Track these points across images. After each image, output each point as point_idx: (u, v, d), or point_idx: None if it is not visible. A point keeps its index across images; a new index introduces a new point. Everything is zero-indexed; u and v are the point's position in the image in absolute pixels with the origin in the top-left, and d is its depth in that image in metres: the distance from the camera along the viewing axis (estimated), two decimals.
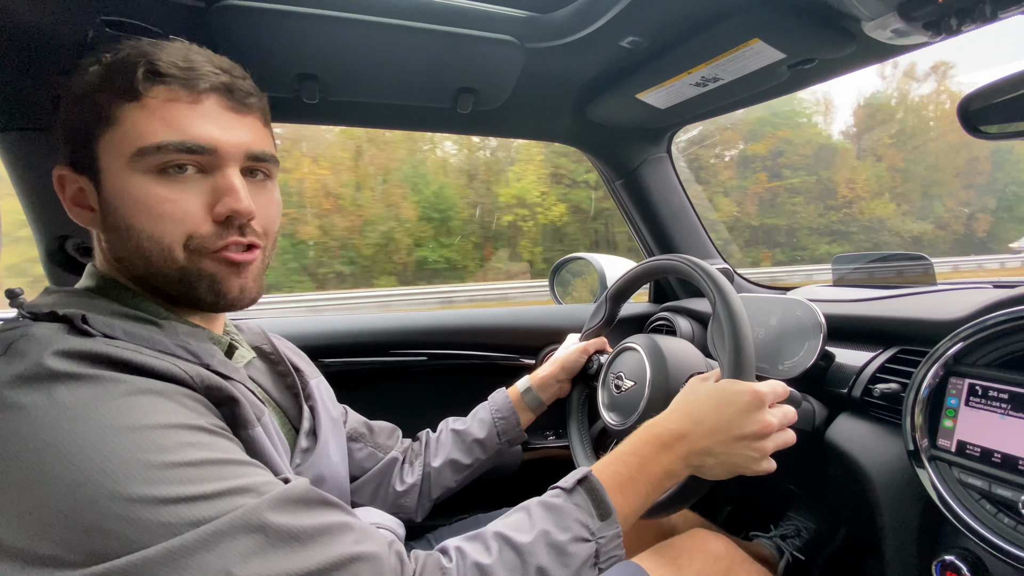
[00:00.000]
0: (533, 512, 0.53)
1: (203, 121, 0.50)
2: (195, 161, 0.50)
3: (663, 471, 0.59)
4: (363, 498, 0.83)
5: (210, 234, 0.51)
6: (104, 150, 0.49)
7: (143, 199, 0.49)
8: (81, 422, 0.37)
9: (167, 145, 0.48)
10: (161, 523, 0.36)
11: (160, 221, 0.49)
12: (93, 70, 0.50)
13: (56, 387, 0.38)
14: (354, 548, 0.42)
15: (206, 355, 0.51)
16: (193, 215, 0.50)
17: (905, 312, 0.83)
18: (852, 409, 0.82)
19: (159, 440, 0.39)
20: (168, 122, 0.49)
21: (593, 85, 1.05)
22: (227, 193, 0.51)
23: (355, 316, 1.35)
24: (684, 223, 1.39)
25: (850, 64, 0.88)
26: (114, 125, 0.49)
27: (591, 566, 0.52)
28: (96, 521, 0.35)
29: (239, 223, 0.52)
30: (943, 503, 0.60)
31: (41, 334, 0.42)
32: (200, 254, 0.51)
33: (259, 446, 0.50)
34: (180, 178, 0.49)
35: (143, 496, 0.36)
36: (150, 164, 0.48)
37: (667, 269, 0.83)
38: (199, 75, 0.50)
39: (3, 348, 0.41)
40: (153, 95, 0.49)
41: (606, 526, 0.53)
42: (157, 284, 0.52)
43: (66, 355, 0.40)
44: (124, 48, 0.50)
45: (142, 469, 0.37)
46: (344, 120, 1.17)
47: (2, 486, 0.36)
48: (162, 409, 0.41)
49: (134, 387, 0.41)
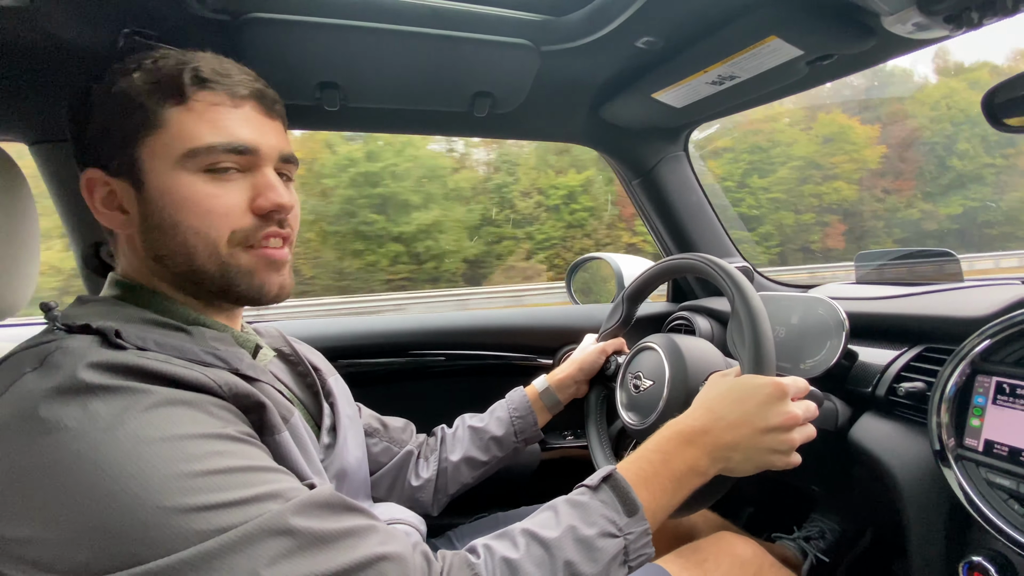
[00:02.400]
0: (559, 509, 0.54)
1: (244, 124, 0.54)
2: (238, 161, 0.53)
3: (688, 467, 0.59)
4: (380, 492, 0.84)
5: (252, 227, 0.54)
6: (147, 152, 0.52)
7: (191, 196, 0.52)
8: (114, 433, 0.39)
9: (216, 146, 0.52)
10: (192, 529, 0.37)
11: (207, 217, 0.52)
12: (137, 76, 0.52)
13: (90, 399, 0.39)
14: (379, 549, 0.43)
15: (234, 359, 0.52)
16: (235, 210, 0.53)
17: (931, 309, 0.82)
18: (876, 408, 0.81)
19: (189, 449, 0.40)
20: (214, 125, 0.52)
21: (608, 86, 1.05)
22: (268, 189, 0.55)
23: (373, 318, 1.37)
24: (702, 221, 1.38)
25: (870, 59, 0.86)
26: (160, 128, 0.51)
27: (620, 563, 0.51)
28: (129, 528, 0.36)
29: (279, 217, 0.56)
30: (970, 503, 0.59)
31: (75, 347, 0.43)
32: (242, 248, 0.54)
33: (285, 450, 0.51)
34: (224, 177, 0.53)
35: (174, 504, 0.37)
36: (199, 164, 0.52)
37: (685, 268, 0.83)
38: (237, 82, 0.54)
39: (38, 361, 0.42)
40: (198, 99, 0.52)
41: (633, 522, 0.53)
42: (197, 280, 0.55)
43: (99, 368, 0.41)
44: (165, 55, 0.53)
45: (173, 478, 0.38)
46: (363, 126, 1.20)
47: (38, 495, 0.37)
48: (191, 419, 0.42)
49: (164, 398, 0.42)
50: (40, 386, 0.40)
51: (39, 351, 0.44)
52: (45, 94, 0.85)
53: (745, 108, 1.11)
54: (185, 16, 0.74)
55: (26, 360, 0.43)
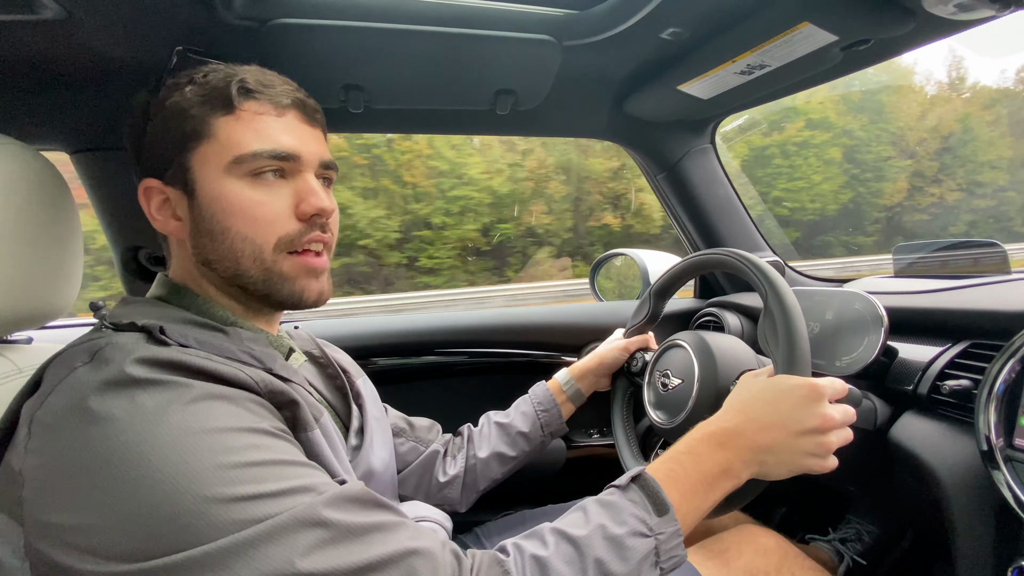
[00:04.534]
0: (588, 509, 0.53)
1: (287, 132, 0.56)
2: (280, 167, 0.56)
3: (720, 470, 0.57)
4: (407, 490, 0.85)
5: (297, 232, 0.57)
6: (199, 161, 0.54)
7: (239, 203, 0.54)
8: (159, 424, 0.40)
9: (261, 153, 0.54)
10: (231, 519, 0.38)
11: (255, 223, 0.55)
12: (188, 89, 0.54)
13: (137, 392, 0.41)
14: (410, 543, 0.43)
15: (268, 360, 0.54)
16: (281, 216, 0.56)
17: (976, 303, 0.78)
18: (918, 407, 0.78)
19: (228, 442, 0.41)
20: (259, 133, 0.55)
21: (632, 79, 1.04)
22: (311, 194, 0.57)
23: (398, 316, 1.39)
24: (731, 215, 1.35)
25: (910, 42, 0.82)
26: (210, 137, 0.54)
27: (652, 565, 0.50)
28: (173, 516, 0.38)
29: (321, 221, 0.58)
30: (1020, 506, 0.57)
31: (123, 343, 0.45)
32: (286, 253, 0.57)
33: (317, 448, 0.53)
34: (268, 183, 0.56)
35: (214, 494, 0.39)
36: (244, 170, 0.54)
37: (713, 263, 0.82)
38: (280, 92, 0.57)
39: (89, 356, 0.45)
40: (245, 108, 0.55)
41: (664, 522, 0.52)
42: (242, 284, 0.57)
43: (145, 363, 0.43)
44: (215, 69, 0.56)
45: (213, 469, 0.39)
46: (387, 127, 1.21)
47: (88, 483, 0.39)
48: (230, 413, 0.44)
49: (205, 392, 0.44)
50: (91, 379, 0.42)
51: (90, 346, 0.46)
52: (84, 105, 0.89)
53: (776, 98, 1.08)
54: (215, 24, 0.76)
55: (77, 355, 0.45)
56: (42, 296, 0.60)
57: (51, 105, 0.88)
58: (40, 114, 0.90)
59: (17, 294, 0.57)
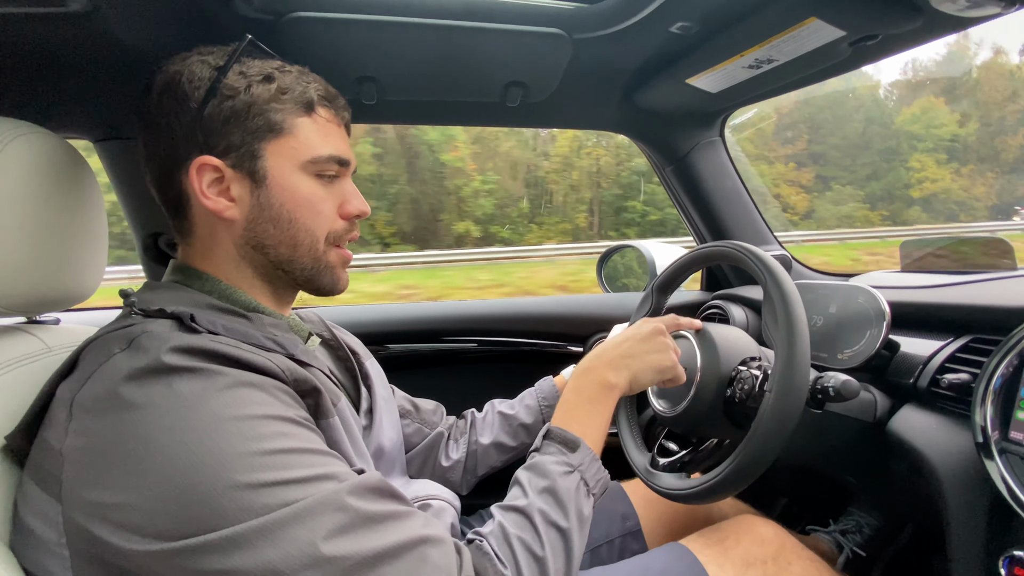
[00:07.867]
0: (520, 478, 0.60)
1: (343, 140, 0.63)
2: (339, 171, 0.62)
3: (599, 386, 0.67)
4: (412, 471, 0.88)
5: (342, 229, 0.64)
6: (273, 152, 0.58)
7: (310, 197, 0.60)
8: (194, 410, 0.42)
9: (332, 157, 0.60)
10: (260, 503, 0.41)
11: (318, 217, 0.61)
12: (264, 85, 0.57)
13: (174, 379, 0.43)
14: (423, 531, 0.46)
15: (290, 345, 0.56)
16: (332, 213, 0.62)
17: (979, 299, 0.79)
18: (917, 400, 0.79)
19: (258, 429, 0.44)
20: (329, 138, 0.61)
21: (642, 72, 1.04)
22: (355, 196, 0.64)
23: (407, 304, 1.41)
24: (738, 208, 1.36)
25: (918, 38, 0.82)
26: (287, 134, 0.58)
27: (585, 495, 0.59)
28: (205, 498, 0.40)
29: (358, 221, 0.66)
30: (1012, 496, 0.58)
31: (158, 331, 0.47)
32: (332, 246, 0.63)
33: (335, 435, 0.55)
34: (326, 183, 0.62)
35: (245, 479, 0.41)
36: (314, 169, 0.60)
37: (716, 256, 0.83)
38: (341, 105, 0.64)
39: (126, 343, 0.46)
40: (320, 114, 0.61)
41: (580, 455, 0.60)
42: (289, 269, 0.62)
43: (180, 351, 0.45)
44: (282, 67, 0.60)
45: (245, 455, 0.42)
46: (398, 119, 1.22)
47: (128, 464, 0.41)
48: (260, 400, 0.46)
49: (237, 380, 0.46)
50: (130, 366, 0.44)
51: (126, 333, 0.48)
52: (108, 94, 0.91)
53: (784, 92, 1.08)
54: (233, 17, 0.78)
55: (114, 341, 0.47)
56: (70, 280, 0.62)
57: (76, 94, 0.90)
58: (66, 103, 0.92)
59: (47, 278, 0.59)
